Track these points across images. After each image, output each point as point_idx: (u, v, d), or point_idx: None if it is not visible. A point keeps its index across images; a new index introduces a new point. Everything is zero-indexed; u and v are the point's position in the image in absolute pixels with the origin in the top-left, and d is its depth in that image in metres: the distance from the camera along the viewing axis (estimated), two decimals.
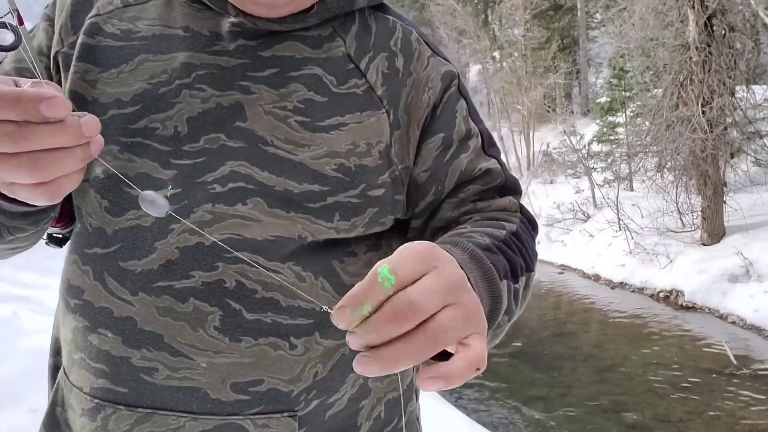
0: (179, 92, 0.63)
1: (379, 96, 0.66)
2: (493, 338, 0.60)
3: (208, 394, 0.61)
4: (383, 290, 0.38)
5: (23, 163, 0.42)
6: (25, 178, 0.44)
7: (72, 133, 0.43)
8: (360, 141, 0.64)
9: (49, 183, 0.45)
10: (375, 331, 0.38)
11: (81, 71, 0.65)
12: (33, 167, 0.43)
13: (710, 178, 8.91)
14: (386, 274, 0.38)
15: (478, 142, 0.72)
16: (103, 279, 0.62)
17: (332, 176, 0.63)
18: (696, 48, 8.60)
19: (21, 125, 0.41)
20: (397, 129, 0.67)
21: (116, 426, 0.62)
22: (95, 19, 0.67)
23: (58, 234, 0.73)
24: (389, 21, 0.72)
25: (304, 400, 0.63)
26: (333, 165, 0.63)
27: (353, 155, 0.64)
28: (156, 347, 0.61)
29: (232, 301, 0.61)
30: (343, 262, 0.66)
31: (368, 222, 0.65)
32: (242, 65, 0.64)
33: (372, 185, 0.65)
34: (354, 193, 0.64)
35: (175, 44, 0.65)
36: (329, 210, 0.63)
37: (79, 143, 0.44)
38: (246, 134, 0.62)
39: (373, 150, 0.65)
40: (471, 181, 0.70)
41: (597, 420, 4.95)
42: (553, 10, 20.73)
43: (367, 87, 0.66)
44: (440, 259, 0.42)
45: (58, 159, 0.43)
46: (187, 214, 0.61)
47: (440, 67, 0.71)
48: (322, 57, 0.66)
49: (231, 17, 0.65)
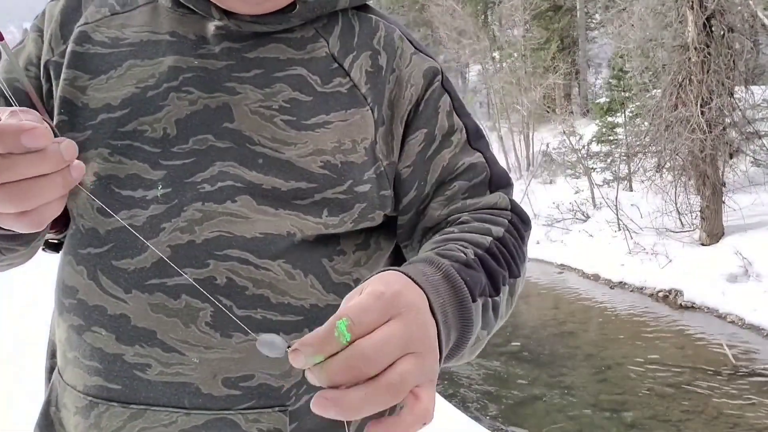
0: (167, 95, 0.64)
1: (363, 94, 0.67)
2: (471, 353, 0.60)
3: (200, 389, 0.61)
4: (337, 345, 0.39)
5: (6, 193, 0.44)
6: (9, 208, 0.45)
7: (53, 160, 0.45)
8: (345, 138, 0.66)
9: (31, 211, 0.46)
10: (328, 378, 0.40)
11: (71, 78, 0.66)
12: (16, 197, 0.44)
13: (709, 178, 8.92)
14: (343, 329, 0.39)
15: (462, 137, 0.72)
16: (97, 278, 0.63)
17: (319, 173, 0.64)
18: (695, 48, 8.61)
19: (4, 156, 0.43)
20: (381, 125, 0.68)
21: (109, 423, 0.62)
22: (84, 28, 0.69)
23: (53, 240, 0.74)
24: (372, 20, 0.73)
25: (295, 395, 0.64)
26: (319, 162, 0.64)
27: (339, 152, 0.65)
28: (149, 343, 0.61)
29: (222, 297, 0.61)
30: (332, 261, 0.67)
31: (357, 217, 0.66)
32: (228, 67, 0.65)
33: (358, 181, 0.66)
34: (341, 189, 0.65)
35: (162, 49, 0.66)
36: (317, 206, 0.64)
37: (59, 168, 0.46)
38: (234, 135, 0.64)
39: (359, 147, 0.66)
40: (455, 177, 0.71)
41: (596, 419, 4.96)
42: (553, 10, 20.74)
43: (351, 85, 0.67)
44: (405, 305, 0.43)
45: (40, 188, 0.45)
46: (178, 212, 0.62)
47: (423, 64, 0.72)
48: (305, 58, 0.67)
49: (216, 20, 0.66)
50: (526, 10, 19.88)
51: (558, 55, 19.53)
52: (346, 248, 0.68)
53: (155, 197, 0.62)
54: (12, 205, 0.45)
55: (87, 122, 0.65)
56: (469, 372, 6.12)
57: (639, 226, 10.07)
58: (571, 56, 20.51)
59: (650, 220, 9.99)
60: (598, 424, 4.89)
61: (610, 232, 10.58)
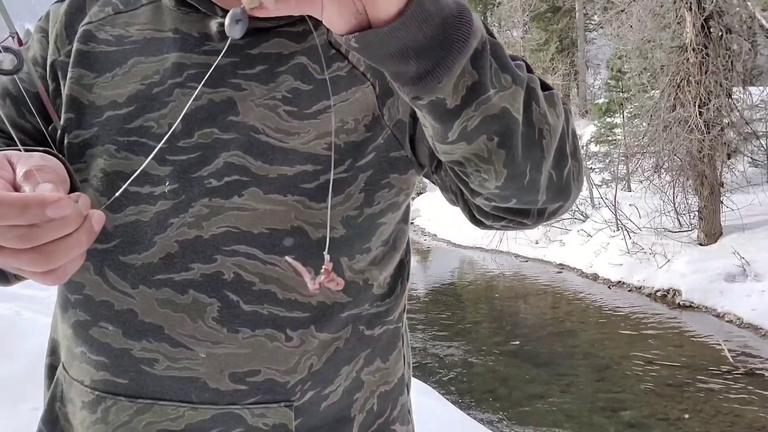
0: (172, 91, 0.65)
1: (362, 71, 0.67)
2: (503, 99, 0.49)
3: (207, 383, 0.62)
4: None
5: (34, 258, 0.44)
6: (35, 269, 0.45)
7: (75, 220, 0.45)
8: (348, 118, 0.66)
9: (57, 269, 0.46)
10: None
11: (76, 77, 0.67)
12: (43, 260, 0.44)
13: (707, 178, 8.92)
14: None
15: None
16: (103, 273, 0.64)
17: (324, 155, 0.64)
18: (693, 49, 8.61)
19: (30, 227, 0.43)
20: (389, 97, 0.67)
21: (116, 417, 0.63)
22: (88, 27, 0.69)
23: None
24: None
25: (300, 390, 0.64)
26: (323, 144, 0.64)
27: (342, 132, 0.65)
28: (156, 338, 0.62)
29: (230, 292, 0.62)
30: (353, 259, 0.67)
31: (364, 187, 0.66)
32: (232, 63, 0.65)
33: (359, 157, 0.66)
34: (342, 168, 0.65)
35: (166, 46, 0.67)
36: (323, 189, 0.63)
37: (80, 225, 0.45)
38: (238, 127, 0.64)
39: (359, 125, 0.66)
40: None
41: (595, 418, 4.96)
42: (552, 12, 20.73)
43: (350, 67, 0.67)
44: None
45: (66, 247, 0.45)
46: (185, 208, 0.62)
47: None
48: (306, 47, 0.67)
49: (218, 18, 0.66)
50: (525, 11, 19.89)
51: (557, 56, 19.54)
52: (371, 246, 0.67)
53: (163, 193, 0.63)
54: (39, 267, 0.45)
55: (93, 119, 0.66)
56: (467, 370, 6.12)
57: (637, 226, 10.07)
58: (569, 57, 20.50)
59: (649, 220, 9.98)
60: (596, 422, 4.89)
61: (609, 232, 10.57)
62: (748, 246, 8.08)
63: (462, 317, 8.11)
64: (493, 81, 0.48)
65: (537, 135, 0.54)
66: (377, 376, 0.72)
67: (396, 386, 0.75)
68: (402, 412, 0.76)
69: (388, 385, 0.73)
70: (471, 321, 8.02)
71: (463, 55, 0.45)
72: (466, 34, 0.45)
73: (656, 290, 8.41)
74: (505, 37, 21.08)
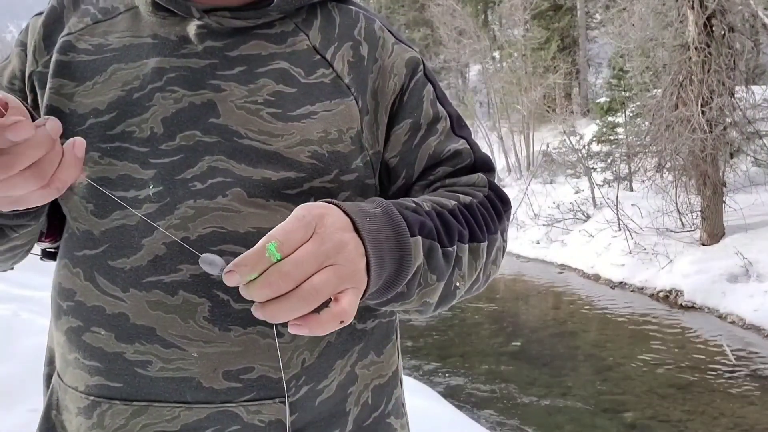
0: (152, 96, 0.65)
1: (346, 84, 0.69)
2: (421, 297, 0.62)
3: (201, 383, 0.62)
4: (269, 263, 0.46)
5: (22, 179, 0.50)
6: (28, 188, 0.50)
7: (45, 143, 0.49)
8: (331, 128, 0.66)
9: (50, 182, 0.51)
10: (254, 293, 0.46)
11: (56, 87, 0.68)
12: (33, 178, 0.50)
13: (710, 178, 8.92)
14: (273, 250, 0.46)
15: (446, 125, 0.74)
16: (93, 279, 0.64)
17: (307, 163, 0.65)
18: (695, 48, 8.60)
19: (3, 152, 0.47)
20: (366, 115, 0.69)
21: (112, 421, 0.63)
22: (68, 38, 0.70)
23: (51, 249, 0.76)
24: (352, 12, 0.74)
25: (294, 386, 0.65)
26: (307, 153, 0.65)
27: (326, 142, 0.66)
28: (149, 340, 0.62)
29: (219, 292, 0.62)
30: None
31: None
32: (211, 65, 0.66)
33: (345, 170, 0.67)
34: (328, 178, 0.66)
35: (145, 51, 0.68)
36: (306, 196, 0.65)
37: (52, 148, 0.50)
38: (220, 129, 0.64)
39: (345, 136, 0.67)
40: (440, 162, 0.73)
41: (597, 419, 4.96)
42: (553, 10, 20.75)
43: (334, 76, 0.68)
44: (323, 225, 0.50)
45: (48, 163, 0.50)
46: (171, 210, 0.63)
47: (404, 54, 0.73)
48: (287, 51, 0.68)
49: (196, 20, 0.67)
50: (526, 9, 19.90)
51: (558, 54, 19.55)
52: None
53: (147, 196, 0.63)
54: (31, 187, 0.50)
55: (76, 128, 0.66)
56: (467, 371, 6.12)
57: (639, 226, 10.07)
58: (571, 56, 20.52)
59: (651, 220, 9.99)
60: (598, 424, 4.89)
61: (611, 232, 10.58)
62: (751, 246, 8.07)
63: (462, 317, 8.10)
64: (421, 284, 0.61)
65: (451, 294, 0.66)
66: (371, 370, 0.72)
67: (390, 379, 0.75)
68: (396, 406, 0.76)
69: (383, 378, 0.73)
70: (471, 321, 8.01)
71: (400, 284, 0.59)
72: (404, 277, 0.58)
73: (658, 291, 8.41)
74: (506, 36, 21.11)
